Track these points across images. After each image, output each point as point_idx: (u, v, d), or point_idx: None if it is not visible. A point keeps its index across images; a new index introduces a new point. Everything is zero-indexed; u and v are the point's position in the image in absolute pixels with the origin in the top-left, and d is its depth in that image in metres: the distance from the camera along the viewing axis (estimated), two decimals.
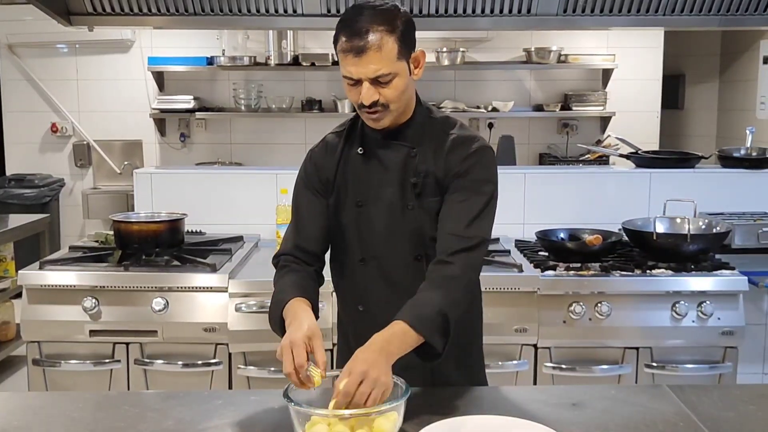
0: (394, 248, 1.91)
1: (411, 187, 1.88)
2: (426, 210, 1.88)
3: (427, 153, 1.89)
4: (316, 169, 1.97)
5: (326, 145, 1.99)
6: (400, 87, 1.79)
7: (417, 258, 1.90)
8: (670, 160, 3.81)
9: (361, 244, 1.93)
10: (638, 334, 2.90)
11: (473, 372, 2.04)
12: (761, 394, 1.89)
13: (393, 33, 1.76)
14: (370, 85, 1.77)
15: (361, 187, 1.92)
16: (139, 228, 3.13)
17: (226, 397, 1.86)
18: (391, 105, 1.80)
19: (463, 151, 1.87)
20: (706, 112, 6.82)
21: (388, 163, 1.90)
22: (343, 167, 1.94)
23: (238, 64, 5.81)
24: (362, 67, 1.75)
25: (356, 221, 1.92)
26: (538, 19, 3.40)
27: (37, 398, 2.06)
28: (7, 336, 4.61)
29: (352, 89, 1.81)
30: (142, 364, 2.92)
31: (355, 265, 1.94)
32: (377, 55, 1.74)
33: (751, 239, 3.30)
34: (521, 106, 6.05)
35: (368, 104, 1.79)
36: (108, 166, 6.11)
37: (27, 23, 5.80)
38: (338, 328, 2.12)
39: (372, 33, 1.73)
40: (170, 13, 3.35)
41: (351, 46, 1.74)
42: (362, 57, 1.74)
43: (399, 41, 1.77)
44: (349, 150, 1.95)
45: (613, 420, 1.71)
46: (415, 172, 1.88)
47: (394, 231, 1.90)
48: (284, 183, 3.50)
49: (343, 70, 1.79)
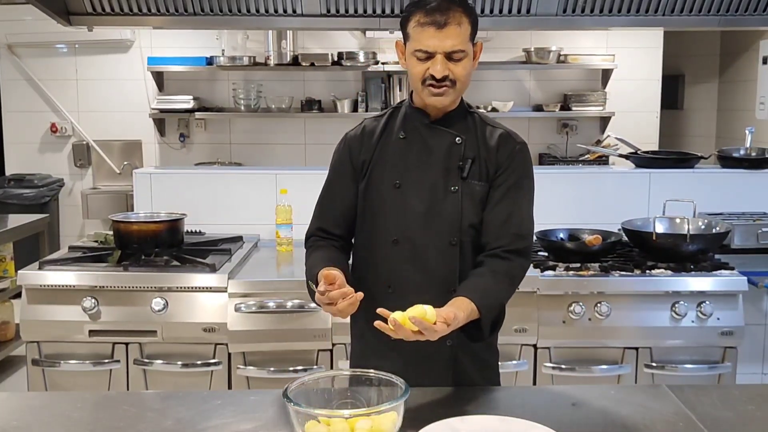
0: (431, 230, 1.94)
1: (457, 171, 1.94)
2: (469, 194, 1.94)
3: (472, 141, 1.97)
4: (349, 152, 2.03)
5: (363, 129, 2.05)
6: (468, 67, 1.90)
7: (452, 243, 1.94)
8: (670, 160, 3.81)
9: (396, 225, 1.96)
10: (638, 334, 2.90)
11: (492, 371, 2.08)
12: (760, 394, 1.89)
13: (469, 15, 1.88)
14: (444, 59, 1.85)
15: (400, 169, 1.97)
16: (139, 228, 3.13)
17: (226, 397, 1.86)
18: (457, 83, 1.89)
19: (510, 146, 1.97)
20: (705, 113, 6.82)
21: (433, 148, 1.96)
22: (381, 150, 1.99)
23: (238, 64, 5.81)
24: (441, 41, 1.84)
25: (393, 202, 1.96)
26: (537, 19, 3.40)
27: (36, 398, 2.06)
28: (6, 336, 4.61)
29: (421, 64, 1.88)
30: (141, 364, 2.92)
31: (388, 245, 1.96)
32: (457, 30, 1.84)
33: (750, 239, 3.31)
34: (521, 106, 6.05)
35: (440, 77, 1.86)
36: (107, 166, 6.11)
37: (27, 23, 5.81)
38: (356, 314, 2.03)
39: (453, 11, 1.85)
40: (170, 13, 3.36)
41: (433, 20, 1.84)
42: (443, 30, 1.83)
43: (471, 24, 1.89)
44: (389, 134, 2.01)
45: (613, 420, 1.71)
46: (462, 157, 1.94)
47: (434, 213, 1.94)
48: (284, 183, 3.50)
49: (417, 44, 1.86)
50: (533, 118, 6.10)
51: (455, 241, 1.94)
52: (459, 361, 1.98)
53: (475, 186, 1.94)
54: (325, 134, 6.01)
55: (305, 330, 2.87)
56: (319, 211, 2.07)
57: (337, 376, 1.67)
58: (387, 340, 1.71)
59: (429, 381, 1.88)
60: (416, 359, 1.93)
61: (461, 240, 1.94)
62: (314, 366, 2.90)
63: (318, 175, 2.12)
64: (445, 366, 1.97)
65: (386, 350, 1.94)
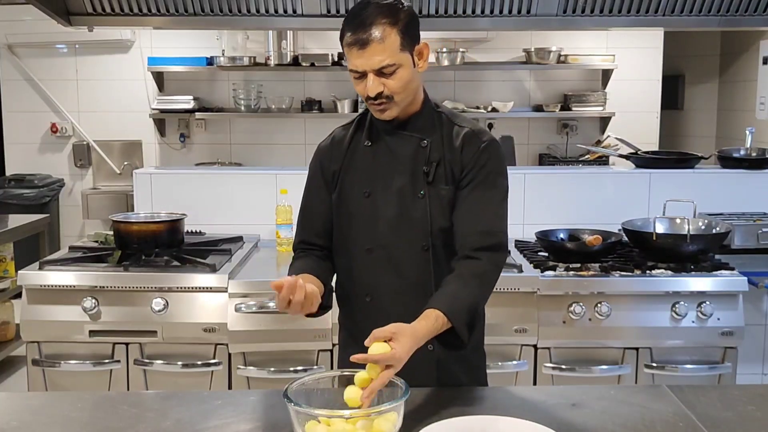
0: (402, 236, 1.93)
1: (423, 176, 1.91)
2: (437, 198, 1.91)
3: (437, 143, 1.93)
4: (321, 163, 2.03)
5: (333, 138, 2.05)
6: (404, 78, 1.84)
7: (424, 248, 1.92)
8: (670, 160, 3.82)
9: (369, 233, 1.95)
10: (638, 335, 2.90)
11: (478, 372, 2.07)
12: (760, 395, 1.89)
13: (395, 25, 1.81)
14: (375, 76, 1.82)
15: (369, 177, 1.95)
16: (139, 228, 3.13)
17: (226, 397, 1.86)
18: (396, 96, 1.85)
19: (475, 145, 1.92)
20: (705, 113, 6.82)
21: (398, 153, 1.94)
22: (350, 159, 1.99)
23: (238, 65, 5.81)
24: (366, 59, 1.81)
25: (364, 211, 1.95)
26: (537, 20, 3.40)
27: (36, 398, 2.06)
28: (6, 336, 4.61)
29: (359, 82, 1.86)
30: (141, 365, 2.92)
31: (363, 254, 1.96)
32: (380, 46, 1.80)
33: (750, 239, 3.30)
34: (521, 107, 6.05)
35: (373, 95, 1.84)
36: (108, 167, 6.11)
37: (27, 23, 5.81)
38: (341, 322, 2.12)
39: (375, 26, 1.80)
40: (170, 13, 3.36)
41: (355, 39, 1.81)
42: (366, 49, 1.80)
43: (401, 33, 1.82)
44: (357, 143, 2.00)
45: (613, 420, 1.71)
46: (426, 161, 1.92)
47: (403, 219, 1.92)
48: (284, 183, 3.50)
49: (349, 63, 1.85)
50: (533, 118, 6.10)
51: (427, 247, 1.92)
52: (443, 364, 1.96)
53: (441, 190, 1.91)
54: (325, 134, 5.96)
55: (305, 330, 2.87)
56: (300, 224, 2.08)
57: (337, 376, 1.66)
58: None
59: (415, 386, 1.87)
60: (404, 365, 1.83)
61: (433, 244, 1.92)
62: (314, 366, 2.90)
63: None
64: (428, 370, 1.94)
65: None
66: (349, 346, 2.03)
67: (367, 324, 1.75)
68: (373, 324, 1.69)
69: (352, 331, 2.04)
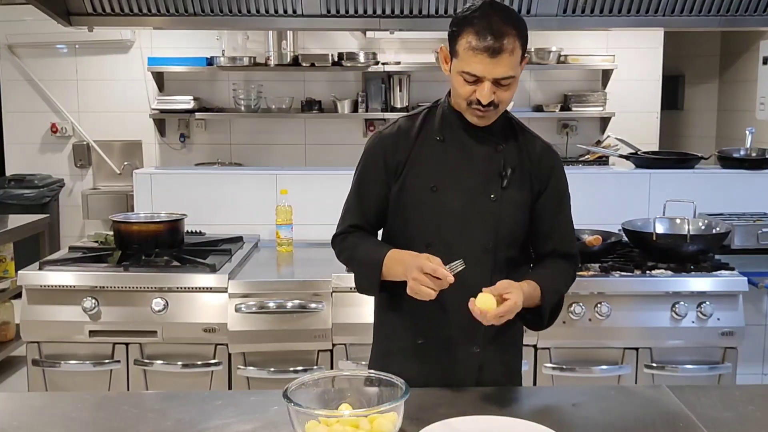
0: (466, 236, 1.91)
1: (498, 179, 1.91)
2: (510, 203, 1.92)
3: (512, 150, 1.95)
4: (384, 151, 1.96)
5: (399, 128, 1.98)
6: (514, 89, 1.86)
7: (485, 250, 1.91)
8: (670, 160, 3.82)
9: (431, 228, 1.92)
10: (638, 335, 2.90)
11: (516, 374, 2.08)
12: (761, 395, 1.89)
13: (520, 38, 1.80)
14: (492, 84, 1.80)
15: (438, 172, 1.92)
16: (139, 228, 3.13)
17: (226, 397, 1.86)
18: (501, 105, 1.87)
19: (551, 159, 2.01)
20: (705, 113, 6.82)
21: (472, 153, 1.93)
22: (418, 152, 1.94)
23: (238, 65, 5.81)
24: (492, 68, 1.77)
25: (429, 204, 1.92)
26: (538, 20, 3.40)
27: (36, 399, 2.06)
28: (6, 336, 4.61)
29: (466, 86, 1.82)
30: (141, 365, 2.92)
31: (421, 249, 1.89)
32: (509, 59, 1.77)
33: (750, 240, 3.30)
34: (521, 107, 6.04)
35: (486, 103, 1.81)
36: (108, 167, 6.11)
37: (27, 23, 5.81)
38: (381, 317, 2.06)
39: (507, 37, 1.76)
40: (170, 13, 3.36)
41: (486, 47, 1.75)
42: (495, 59, 1.76)
43: (522, 47, 1.81)
44: (426, 136, 1.95)
45: (613, 420, 1.71)
46: (502, 166, 1.92)
47: (470, 218, 1.91)
48: (284, 183, 3.50)
49: (465, 65, 1.79)
50: (533, 118, 6.09)
51: (488, 249, 1.91)
52: (485, 367, 1.96)
53: (516, 195, 1.92)
54: (326, 134, 6.01)
55: (305, 330, 2.87)
56: (352, 209, 2.01)
57: (337, 376, 1.67)
58: (417, 343, 1.75)
59: (454, 385, 1.89)
60: (442, 364, 1.93)
61: (496, 247, 1.91)
62: (314, 366, 2.90)
63: (318, 176, 2.12)
64: (470, 372, 1.95)
65: (412, 353, 1.95)
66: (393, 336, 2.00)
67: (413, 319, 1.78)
68: (419, 319, 1.71)
69: (395, 325, 2.00)
